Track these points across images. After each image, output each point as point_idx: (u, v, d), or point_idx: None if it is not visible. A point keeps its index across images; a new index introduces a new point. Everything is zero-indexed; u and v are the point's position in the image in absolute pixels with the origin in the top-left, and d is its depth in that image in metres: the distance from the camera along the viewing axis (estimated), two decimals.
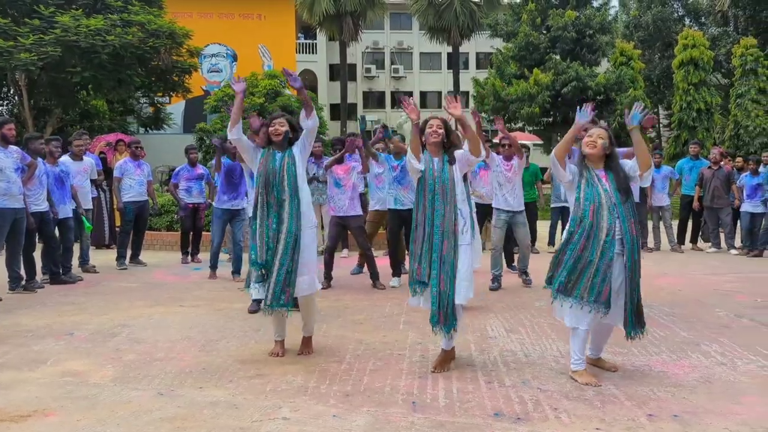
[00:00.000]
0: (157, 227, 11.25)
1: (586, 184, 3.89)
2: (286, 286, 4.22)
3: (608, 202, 3.81)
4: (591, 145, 3.90)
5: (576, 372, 3.90)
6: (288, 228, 4.26)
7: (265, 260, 4.23)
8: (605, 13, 24.73)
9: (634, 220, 3.85)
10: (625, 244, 3.78)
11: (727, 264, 9.23)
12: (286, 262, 4.22)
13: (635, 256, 3.82)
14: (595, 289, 3.76)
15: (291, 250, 4.23)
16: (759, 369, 4.10)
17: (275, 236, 4.25)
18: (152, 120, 26.92)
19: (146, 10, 20.78)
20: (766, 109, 22.38)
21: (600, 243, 3.78)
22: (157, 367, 4.17)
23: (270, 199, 4.30)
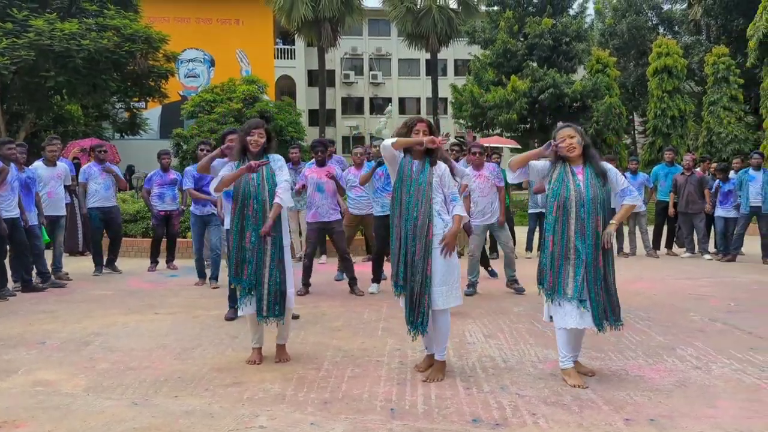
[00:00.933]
0: (133, 233, 11.11)
1: (557, 180, 3.96)
2: (278, 295, 4.23)
3: (577, 199, 3.87)
4: (570, 149, 3.95)
5: (565, 371, 3.95)
6: (273, 239, 4.24)
7: (246, 276, 4.20)
8: (581, 22, 25.03)
9: (602, 215, 3.90)
10: (588, 242, 3.85)
11: (701, 269, 9.35)
12: (274, 273, 4.22)
13: (598, 251, 3.87)
14: (577, 287, 3.82)
15: (278, 260, 4.23)
16: (732, 372, 4.15)
17: (255, 249, 4.21)
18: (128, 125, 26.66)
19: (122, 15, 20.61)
20: (737, 117, 22.79)
21: (570, 240, 3.86)
22: (132, 376, 4.10)
23: (248, 212, 4.24)
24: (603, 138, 22.68)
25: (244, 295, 4.27)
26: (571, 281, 3.86)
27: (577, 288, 3.83)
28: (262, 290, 4.22)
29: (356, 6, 28.48)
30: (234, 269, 4.27)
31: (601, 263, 3.88)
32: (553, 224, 3.94)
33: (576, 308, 3.85)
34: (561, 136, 3.99)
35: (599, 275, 3.88)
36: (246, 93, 22.27)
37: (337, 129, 38.06)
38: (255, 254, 4.22)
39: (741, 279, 8.33)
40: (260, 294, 4.23)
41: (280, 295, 4.24)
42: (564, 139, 3.96)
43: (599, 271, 3.88)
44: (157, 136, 29.80)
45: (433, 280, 3.92)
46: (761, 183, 9.92)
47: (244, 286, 4.25)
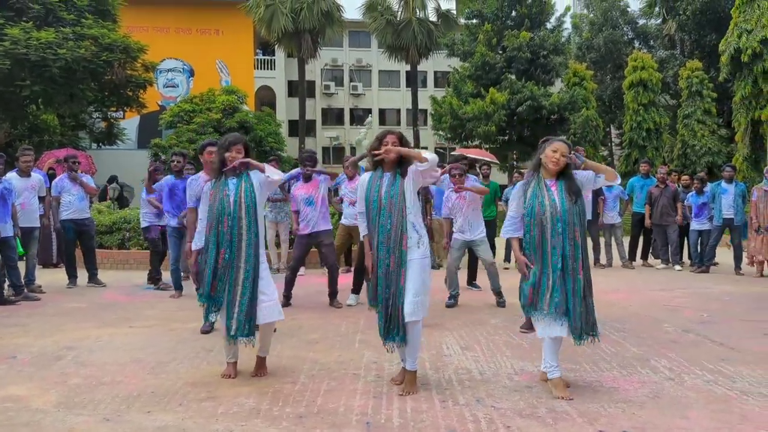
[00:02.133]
0: (109, 245, 10.99)
1: (531, 196, 3.99)
2: (249, 315, 4.18)
3: (553, 213, 3.91)
4: (555, 163, 3.97)
5: (552, 381, 3.98)
6: (247, 257, 4.19)
7: (216, 293, 4.18)
8: (558, 35, 25.36)
9: (578, 230, 3.94)
10: (566, 253, 3.88)
11: (675, 280, 9.48)
12: (247, 292, 4.17)
13: (576, 263, 3.91)
14: (555, 301, 3.86)
15: (252, 279, 4.19)
16: (704, 383, 4.20)
17: (228, 266, 4.18)
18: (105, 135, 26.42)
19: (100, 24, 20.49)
20: (711, 130, 23.20)
21: (548, 256, 3.90)
22: (104, 391, 4.04)
23: (222, 228, 4.19)
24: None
25: (210, 312, 4.25)
26: (549, 296, 3.88)
27: (555, 303, 3.86)
28: (233, 309, 4.17)
29: (336, 18, 28.60)
30: (207, 287, 4.21)
31: (581, 275, 3.93)
32: (531, 242, 3.97)
33: (556, 320, 3.89)
34: (555, 147, 3.98)
35: (579, 287, 3.92)
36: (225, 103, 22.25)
37: (317, 140, 38.04)
38: (228, 272, 4.18)
39: (714, 290, 8.46)
40: (230, 312, 4.18)
41: (251, 315, 4.19)
42: (556, 151, 3.97)
43: (579, 282, 3.92)
44: (135, 146, 29.57)
45: (406, 292, 3.93)
46: (733, 195, 10.10)
47: (211, 303, 4.21)
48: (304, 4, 27.38)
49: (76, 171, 8.87)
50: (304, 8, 27.28)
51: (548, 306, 3.89)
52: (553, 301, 3.88)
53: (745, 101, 19.33)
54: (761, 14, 18.44)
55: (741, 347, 5.21)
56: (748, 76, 19.01)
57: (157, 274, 8.72)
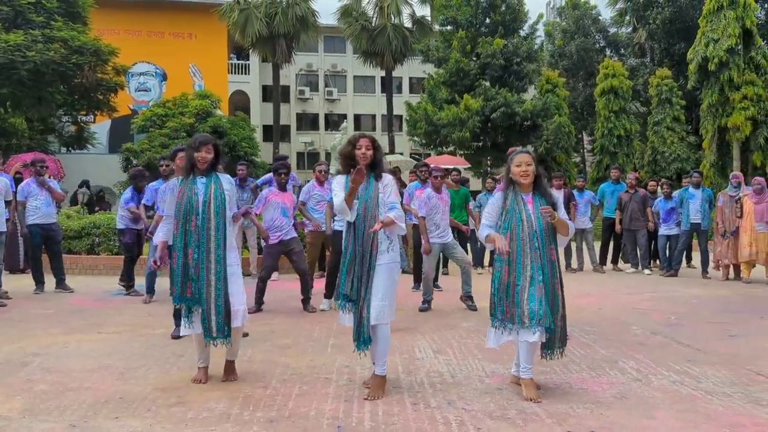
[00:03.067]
0: (77, 250, 10.82)
1: (509, 209, 4.01)
2: (226, 316, 4.16)
3: (529, 228, 3.93)
4: (524, 176, 3.99)
5: (524, 381, 4.00)
6: (217, 258, 4.17)
7: (191, 294, 4.14)
8: (531, 42, 25.66)
9: (554, 246, 3.98)
10: (545, 270, 3.92)
11: (645, 284, 9.63)
12: (221, 293, 4.15)
13: (554, 279, 3.95)
14: (533, 313, 3.86)
15: (224, 280, 4.17)
16: (671, 384, 4.28)
17: (198, 266, 4.15)
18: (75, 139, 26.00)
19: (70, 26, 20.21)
20: (680, 137, 23.63)
21: (526, 269, 3.91)
22: (70, 398, 3.98)
23: (190, 227, 4.16)
24: (553, 156, 23.22)
25: (187, 314, 4.20)
26: (526, 309, 3.87)
27: (534, 314, 3.86)
28: (209, 310, 4.15)
29: (311, 23, 28.60)
30: (179, 288, 4.18)
31: (559, 291, 3.96)
32: (507, 257, 3.95)
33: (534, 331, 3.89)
34: (518, 161, 4.02)
35: (557, 303, 3.95)
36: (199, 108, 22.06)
37: (292, 145, 37.91)
38: (198, 272, 4.16)
39: (681, 293, 8.61)
40: (207, 314, 4.15)
41: (227, 315, 4.17)
42: (520, 164, 4.00)
43: (557, 298, 3.95)
44: (105, 151, 29.15)
45: (373, 295, 3.94)
46: (701, 201, 10.31)
47: (188, 305, 4.17)
48: (278, 9, 27.33)
49: (43, 175, 8.71)
50: (279, 13, 27.24)
51: (528, 319, 3.87)
52: (532, 313, 3.86)
53: (712, 109, 19.75)
54: (727, 24, 18.87)
55: (707, 348, 5.31)
56: (714, 85, 19.43)
57: (129, 279, 8.59)
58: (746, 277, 9.78)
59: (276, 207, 7.17)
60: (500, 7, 24.98)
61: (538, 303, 3.87)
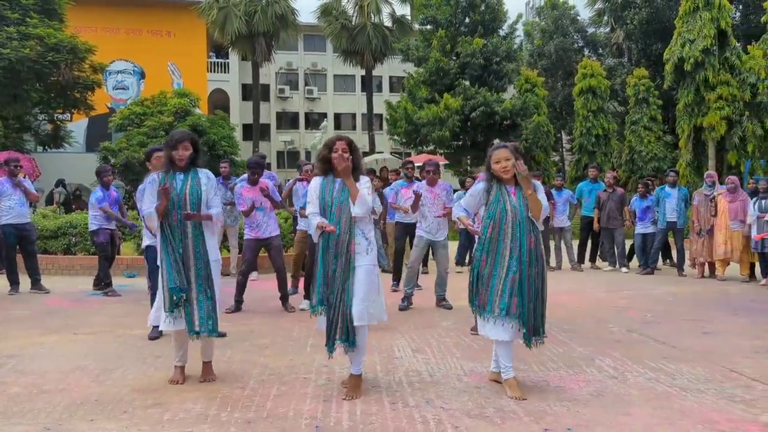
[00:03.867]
0: (53, 250, 10.67)
1: (493, 200, 4.05)
2: (210, 310, 4.16)
3: (513, 218, 3.97)
4: (504, 171, 4.04)
5: (507, 381, 4.03)
6: (196, 254, 4.17)
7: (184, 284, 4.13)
8: (511, 42, 25.80)
9: (534, 236, 4.01)
10: (523, 259, 3.94)
11: (622, 282, 9.74)
12: (203, 287, 4.15)
13: (532, 269, 3.97)
14: (504, 303, 3.91)
15: (205, 276, 4.18)
16: (646, 381, 4.33)
17: (180, 260, 4.16)
18: (51, 138, 25.62)
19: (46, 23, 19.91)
20: (656, 136, 23.89)
21: (504, 259, 3.94)
22: (45, 400, 3.92)
23: (172, 222, 4.18)
24: (532, 155, 23.35)
25: (171, 306, 4.14)
26: (498, 299, 3.93)
27: (504, 305, 3.91)
28: (192, 306, 4.14)
29: (291, 21, 28.47)
30: (170, 276, 4.13)
31: (536, 278, 3.99)
32: (487, 244, 4.01)
33: (506, 323, 3.94)
34: (496, 158, 4.06)
35: (534, 290, 3.97)
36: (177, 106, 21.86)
37: (272, 144, 37.72)
38: (181, 264, 4.16)
39: (657, 291, 8.72)
40: (190, 309, 4.14)
41: (212, 309, 4.17)
42: (499, 161, 4.04)
43: (534, 286, 3.98)
44: (83, 150, 28.77)
45: (354, 296, 3.94)
46: (676, 199, 10.45)
47: (177, 294, 4.12)
48: (258, 7, 27.18)
49: (17, 175, 8.59)
50: (258, 11, 27.08)
51: (498, 308, 3.93)
52: (503, 304, 3.92)
53: (688, 109, 19.98)
54: (703, 25, 19.11)
55: (682, 346, 5.39)
56: (690, 85, 19.66)
57: (106, 278, 8.50)
58: (721, 275, 9.93)
59: (250, 202, 7.15)
60: (480, 6, 25.08)
61: (509, 294, 3.91)
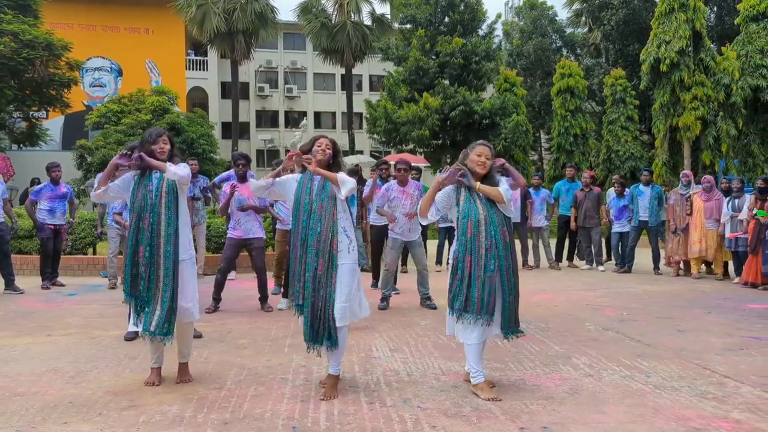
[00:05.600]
0: (28, 250, 10.52)
1: (465, 201, 4.05)
2: (170, 314, 4.09)
3: (486, 216, 3.99)
4: (482, 166, 4.06)
5: (477, 386, 4.02)
6: (166, 254, 4.09)
7: (139, 292, 4.08)
8: (490, 42, 25.91)
9: (507, 229, 4.04)
10: (499, 253, 3.97)
11: (599, 280, 9.84)
12: (168, 289, 4.08)
13: (508, 263, 4.00)
14: (484, 302, 3.92)
15: (172, 277, 4.10)
16: (621, 379, 4.38)
17: (148, 264, 4.08)
18: (26, 136, 25.23)
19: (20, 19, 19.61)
20: (633, 136, 24.16)
21: (482, 257, 3.95)
22: (18, 403, 3.87)
23: (143, 225, 4.09)
24: (511, 154, 23.48)
25: (137, 312, 4.13)
26: (478, 298, 3.93)
27: (485, 304, 3.92)
28: (155, 306, 4.09)
29: (270, 19, 28.38)
30: (128, 284, 4.12)
31: (512, 273, 4.02)
32: (467, 244, 3.99)
33: (483, 323, 3.95)
34: (478, 152, 4.08)
35: (512, 284, 4.01)
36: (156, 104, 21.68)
37: (251, 142, 37.53)
38: (148, 270, 4.08)
39: (634, 289, 8.82)
40: (151, 308, 4.09)
41: (171, 313, 4.10)
42: (480, 155, 4.06)
43: (512, 280, 4.01)
44: (59, 148, 28.38)
45: (336, 296, 3.93)
46: (649, 198, 10.59)
47: (137, 302, 4.11)
48: (237, 5, 27.03)
49: None
50: (237, 9, 26.94)
51: (479, 308, 3.92)
52: (484, 303, 3.92)
53: (663, 109, 20.21)
54: (678, 26, 19.35)
55: (656, 343, 5.46)
56: (666, 85, 19.90)
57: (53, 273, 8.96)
58: (696, 273, 10.07)
59: (237, 201, 7.10)
60: (459, 6, 25.15)
61: (488, 293, 3.93)
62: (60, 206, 8.79)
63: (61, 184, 8.90)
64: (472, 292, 3.95)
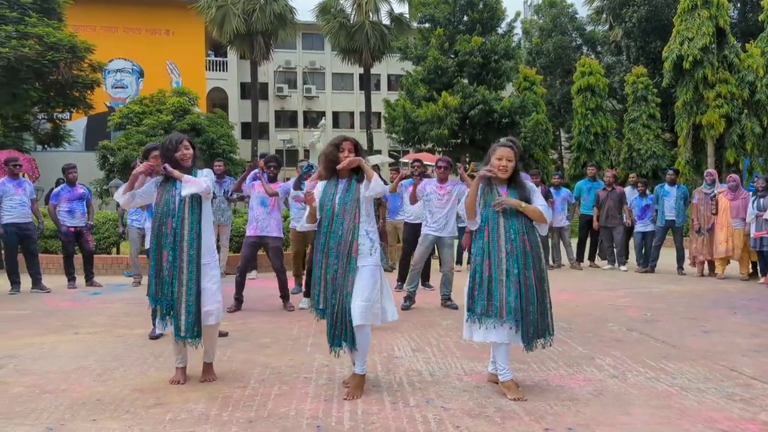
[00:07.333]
0: (54, 250, 10.67)
1: (485, 205, 4.03)
2: (197, 317, 4.14)
3: (505, 220, 3.96)
4: (504, 170, 4.02)
5: (504, 383, 4.02)
6: (189, 258, 4.14)
7: (161, 296, 4.14)
8: (509, 40, 25.77)
9: (528, 237, 4.00)
10: (519, 260, 3.93)
11: (621, 280, 9.76)
12: (192, 293, 4.13)
13: (528, 272, 3.95)
14: (511, 307, 3.89)
15: (196, 280, 4.15)
16: (646, 381, 4.35)
17: (171, 268, 4.13)
18: (50, 137, 25.61)
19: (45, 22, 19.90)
20: (655, 134, 23.90)
21: (502, 261, 3.92)
22: (47, 400, 3.93)
23: (166, 230, 4.14)
24: (530, 153, 23.35)
25: (163, 315, 4.19)
26: (504, 302, 3.89)
27: (511, 308, 3.88)
28: (180, 309, 4.14)
29: (289, 20, 28.49)
30: (152, 288, 4.18)
31: (534, 281, 3.95)
32: (486, 248, 3.97)
33: (508, 326, 3.93)
34: (499, 155, 4.03)
35: (532, 293, 3.94)
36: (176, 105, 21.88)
37: (271, 142, 37.72)
38: (171, 273, 4.14)
39: (657, 290, 8.74)
40: (177, 313, 4.15)
41: (197, 316, 4.16)
42: (501, 158, 4.02)
43: (532, 289, 3.94)
44: (82, 148, 28.76)
45: (354, 296, 3.92)
46: (675, 198, 10.46)
47: (162, 306, 4.16)
48: (256, 6, 27.18)
49: (17, 174, 8.64)
50: (257, 10, 27.09)
51: (506, 313, 3.89)
52: (509, 307, 3.88)
53: (686, 107, 19.98)
54: (701, 23, 19.12)
55: (682, 345, 5.41)
56: (689, 83, 19.67)
57: (89, 274, 9.11)
58: (721, 273, 9.95)
59: (256, 197, 7.16)
60: (478, 5, 25.05)
61: (515, 297, 3.90)
62: (79, 207, 8.91)
63: (77, 185, 9.02)
64: (494, 295, 3.92)
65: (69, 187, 8.91)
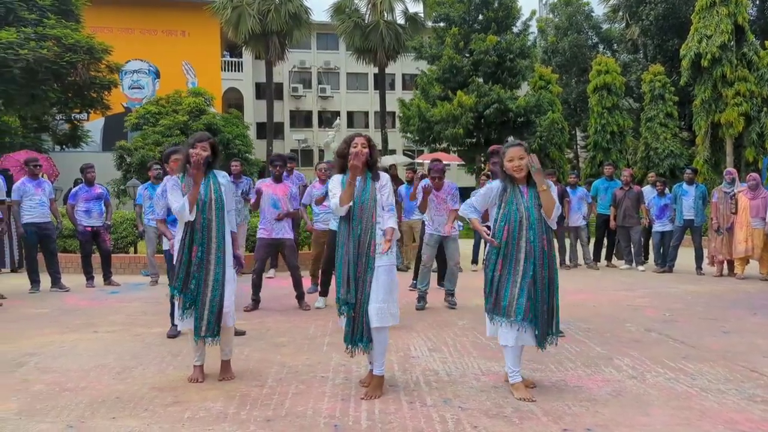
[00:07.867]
0: (72, 249, 10.79)
1: (507, 202, 4.01)
2: (219, 317, 4.22)
3: (526, 221, 3.94)
4: (518, 170, 3.99)
5: (513, 385, 4.01)
6: (216, 259, 4.22)
7: (190, 290, 4.19)
8: (525, 39, 25.66)
9: (546, 237, 3.99)
10: (536, 261, 3.92)
11: (639, 280, 9.67)
12: (217, 293, 4.20)
13: (545, 272, 3.94)
14: (521, 308, 3.88)
15: (222, 282, 4.22)
16: (665, 381, 4.30)
17: (199, 265, 4.19)
18: (68, 137, 25.89)
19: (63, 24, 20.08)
20: (673, 133, 23.69)
21: (519, 262, 3.91)
22: (67, 398, 3.97)
23: (196, 226, 4.22)
24: (546, 152, 23.25)
25: (185, 308, 4.22)
26: (515, 303, 3.89)
27: (521, 309, 3.88)
28: (202, 309, 4.19)
29: (304, 20, 28.54)
30: (180, 282, 4.22)
31: (548, 281, 3.95)
32: (503, 247, 3.96)
33: (518, 328, 3.92)
34: (509, 156, 4.01)
35: (546, 293, 3.94)
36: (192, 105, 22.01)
37: (286, 142, 37.86)
38: (199, 270, 4.20)
39: (675, 290, 8.65)
40: (200, 312, 4.20)
41: (219, 316, 4.23)
42: (512, 159, 4.00)
43: (546, 289, 3.94)
44: (99, 149, 29.04)
45: (372, 297, 3.93)
46: (693, 197, 10.35)
47: (186, 299, 4.20)
48: (271, 6, 27.26)
49: (37, 175, 8.73)
50: (272, 10, 27.17)
51: (514, 313, 3.89)
52: (519, 308, 3.88)
53: (705, 105, 19.82)
54: (720, 20, 18.94)
55: (701, 345, 5.35)
56: (707, 81, 19.50)
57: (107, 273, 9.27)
58: (740, 273, 9.83)
59: (267, 198, 7.18)
60: (493, 3, 24.97)
61: (527, 299, 3.88)
62: (96, 207, 8.98)
63: (95, 185, 9.10)
64: (505, 296, 3.92)
65: (87, 187, 9.00)
